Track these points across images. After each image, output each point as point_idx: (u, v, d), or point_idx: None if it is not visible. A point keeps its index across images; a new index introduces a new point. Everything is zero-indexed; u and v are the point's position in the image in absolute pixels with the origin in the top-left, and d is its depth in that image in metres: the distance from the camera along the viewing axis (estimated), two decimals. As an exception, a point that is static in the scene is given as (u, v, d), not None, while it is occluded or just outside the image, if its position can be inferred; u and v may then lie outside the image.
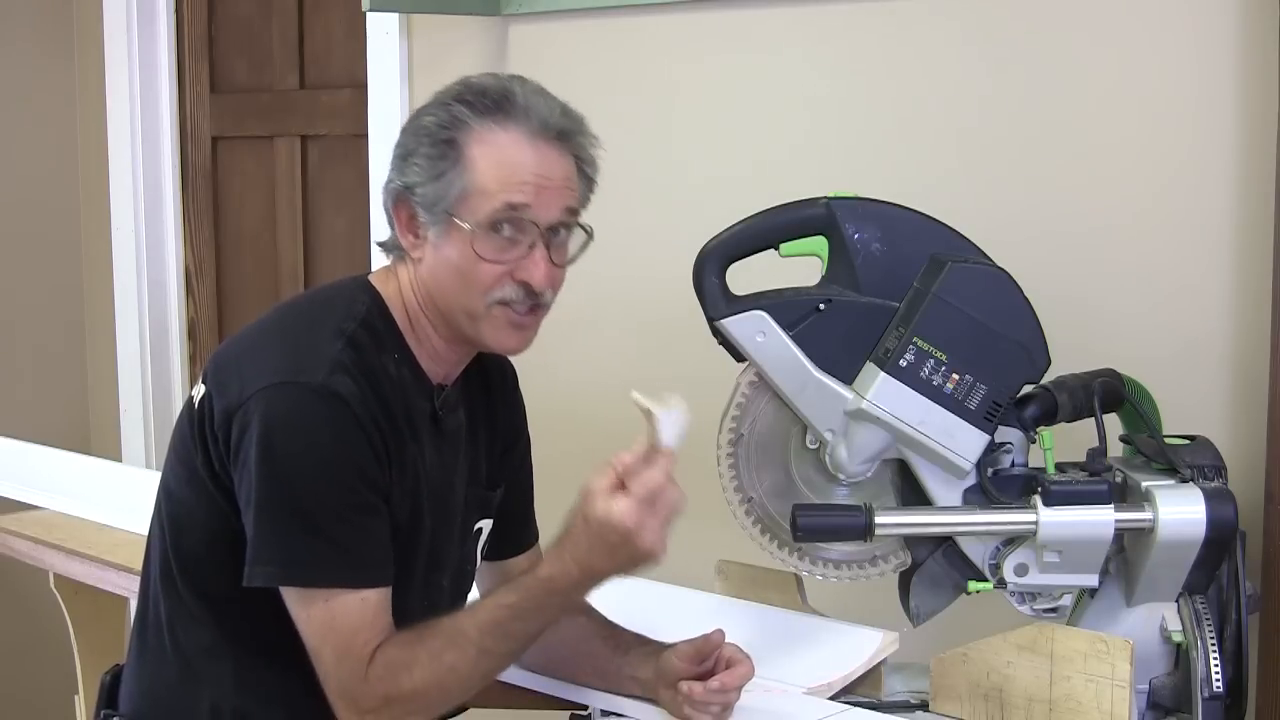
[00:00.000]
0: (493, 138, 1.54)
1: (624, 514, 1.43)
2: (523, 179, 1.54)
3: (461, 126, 1.54)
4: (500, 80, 1.58)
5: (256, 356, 1.55)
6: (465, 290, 1.56)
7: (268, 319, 1.65)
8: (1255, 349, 1.84)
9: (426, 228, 1.56)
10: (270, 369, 1.52)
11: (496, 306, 1.56)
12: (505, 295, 1.55)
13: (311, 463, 1.48)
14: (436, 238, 1.56)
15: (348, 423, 1.49)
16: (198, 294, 3.51)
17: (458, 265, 1.55)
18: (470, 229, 1.53)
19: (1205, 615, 1.60)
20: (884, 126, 2.20)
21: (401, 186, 1.57)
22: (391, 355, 1.58)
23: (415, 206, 1.56)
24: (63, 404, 3.62)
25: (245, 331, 1.64)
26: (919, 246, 1.66)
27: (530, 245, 1.55)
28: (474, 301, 1.56)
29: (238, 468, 1.51)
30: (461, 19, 2.65)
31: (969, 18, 2.10)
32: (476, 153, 1.53)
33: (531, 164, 1.54)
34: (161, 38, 3.42)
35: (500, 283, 1.55)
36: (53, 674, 3.13)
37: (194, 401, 1.59)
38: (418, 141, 1.56)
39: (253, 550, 1.50)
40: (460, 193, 1.53)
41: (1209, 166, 1.90)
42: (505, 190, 1.53)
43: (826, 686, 1.71)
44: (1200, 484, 1.60)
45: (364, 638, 1.50)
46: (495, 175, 1.53)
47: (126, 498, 2.55)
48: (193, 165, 3.47)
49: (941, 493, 1.67)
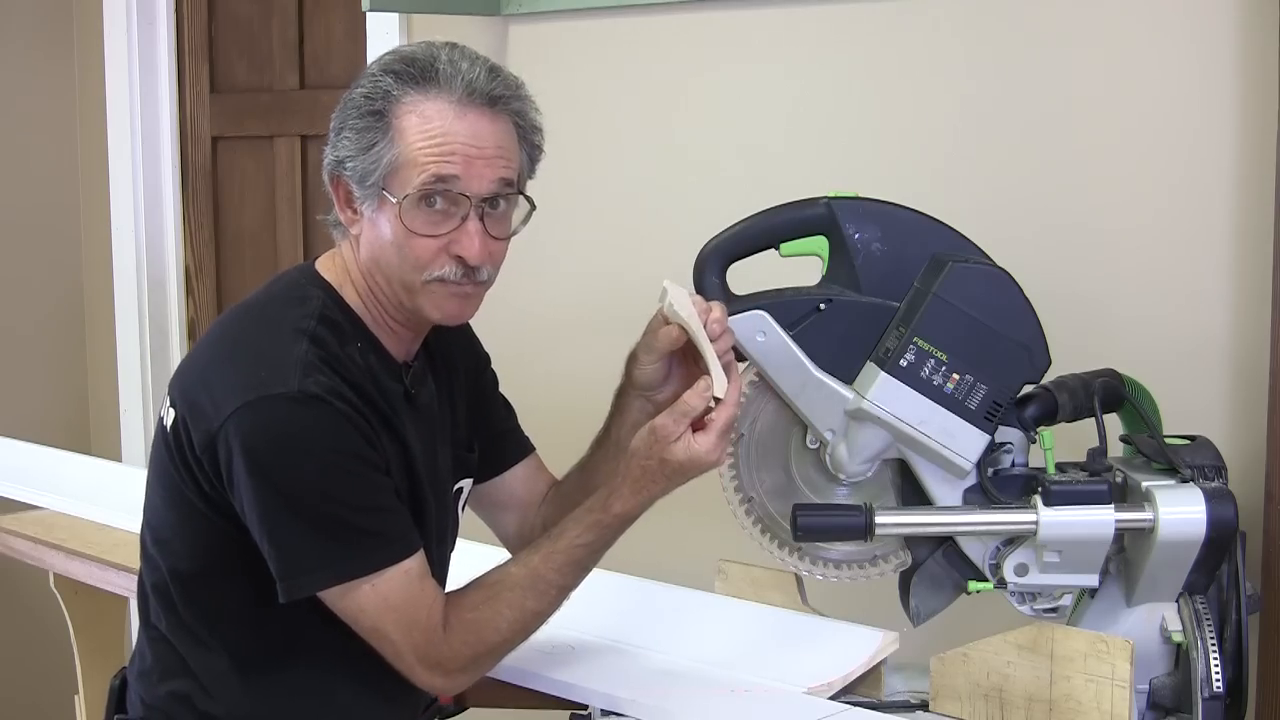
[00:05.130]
0: (419, 107, 1.50)
1: (709, 451, 1.49)
2: (450, 149, 1.49)
3: (388, 97, 1.50)
4: (429, 47, 1.54)
5: (222, 374, 1.51)
6: (401, 266, 1.53)
7: (221, 331, 1.60)
8: (1255, 349, 1.85)
9: (361, 203, 1.53)
10: (240, 386, 1.48)
11: (434, 283, 1.53)
12: (442, 272, 1.52)
13: (311, 470, 1.47)
14: (371, 213, 1.53)
15: (333, 419, 1.47)
16: (198, 294, 3.51)
17: (392, 240, 1.52)
18: (399, 202, 1.49)
19: (1205, 615, 1.60)
20: (884, 126, 2.20)
21: (334, 161, 1.54)
22: (355, 344, 1.55)
23: (349, 182, 1.53)
24: (63, 404, 3.62)
25: (201, 347, 1.60)
26: (919, 246, 1.66)
27: (463, 218, 1.51)
28: (410, 277, 1.53)
29: (234, 491, 1.49)
30: (461, 19, 2.65)
31: (969, 18, 2.10)
32: (405, 124, 1.49)
33: (460, 133, 1.49)
34: (161, 38, 3.43)
35: (436, 258, 1.51)
36: (53, 674, 3.13)
37: (165, 425, 1.57)
38: (346, 114, 1.53)
39: (283, 566, 1.49)
40: (390, 165, 1.49)
41: (1209, 167, 1.90)
42: (433, 161, 1.49)
43: (826, 686, 1.71)
44: (1200, 484, 1.59)
45: (425, 605, 1.51)
46: (423, 146, 1.49)
47: (126, 498, 2.54)
48: (193, 165, 3.47)
49: (942, 493, 1.67)
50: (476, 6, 2.58)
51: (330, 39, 3.17)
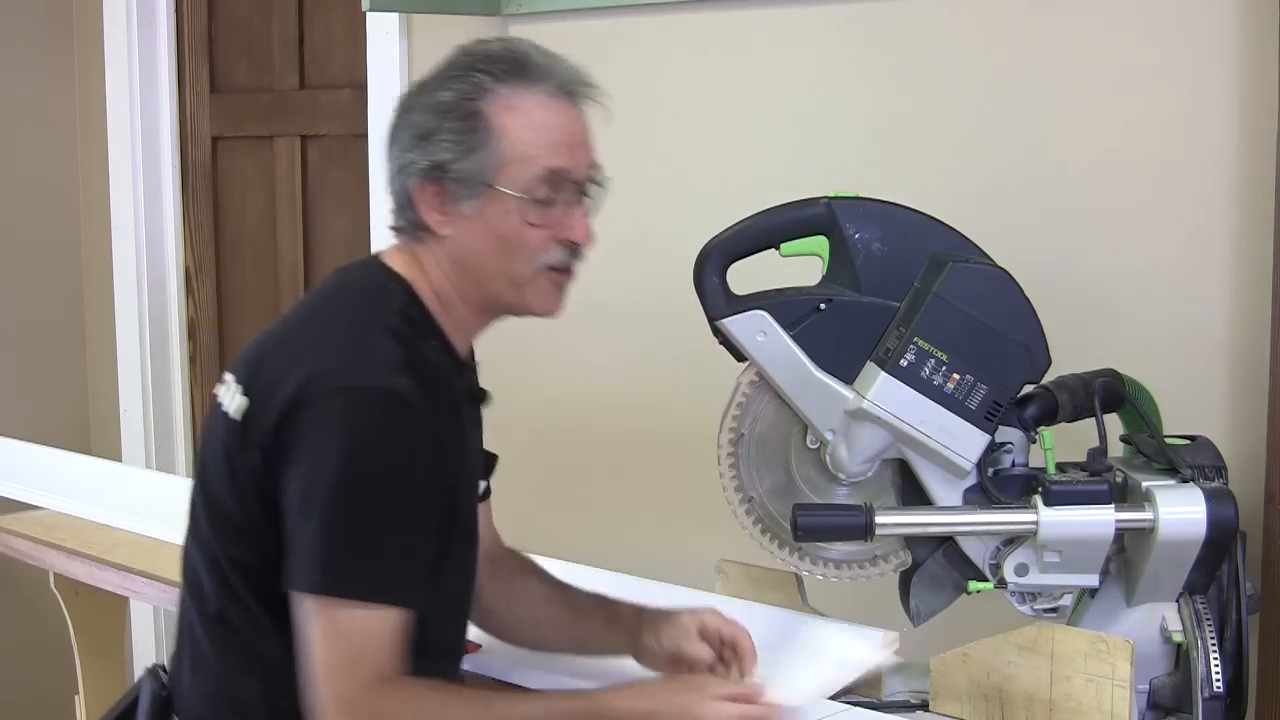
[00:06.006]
0: (518, 102, 1.53)
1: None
2: (556, 140, 1.53)
3: (485, 95, 1.52)
4: (506, 44, 1.57)
5: (312, 358, 1.49)
6: (510, 258, 1.55)
7: (303, 322, 1.60)
8: (1255, 349, 1.84)
9: (458, 203, 1.54)
10: (334, 370, 1.46)
11: (542, 271, 1.56)
12: (552, 259, 1.55)
13: (392, 473, 1.44)
14: (472, 211, 1.53)
15: (420, 429, 1.46)
16: (198, 294, 3.51)
17: (502, 234, 1.54)
18: (515, 197, 1.52)
19: (1205, 615, 1.60)
20: (884, 126, 2.20)
21: (429, 166, 1.53)
22: (430, 342, 1.56)
23: (447, 183, 1.53)
24: (63, 404, 3.62)
25: (279, 335, 1.58)
26: (919, 246, 1.66)
27: (567, 204, 1.55)
28: (520, 268, 1.55)
29: (292, 464, 1.46)
30: (461, 19, 2.65)
31: (969, 18, 2.10)
32: (505, 120, 1.52)
33: (561, 123, 1.54)
34: (161, 38, 3.42)
35: (547, 246, 1.55)
36: (53, 674, 3.13)
37: (227, 412, 1.54)
38: (439, 118, 1.53)
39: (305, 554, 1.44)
40: (498, 163, 1.52)
41: (1210, 167, 1.90)
42: (543, 154, 1.52)
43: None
44: (1200, 484, 1.60)
45: (377, 655, 1.44)
46: (530, 140, 1.52)
47: (126, 498, 2.55)
48: (193, 165, 3.47)
49: (942, 493, 1.67)
50: (476, 6, 2.58)
51: (330, 39, 3.17)
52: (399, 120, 1.58)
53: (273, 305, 3.35)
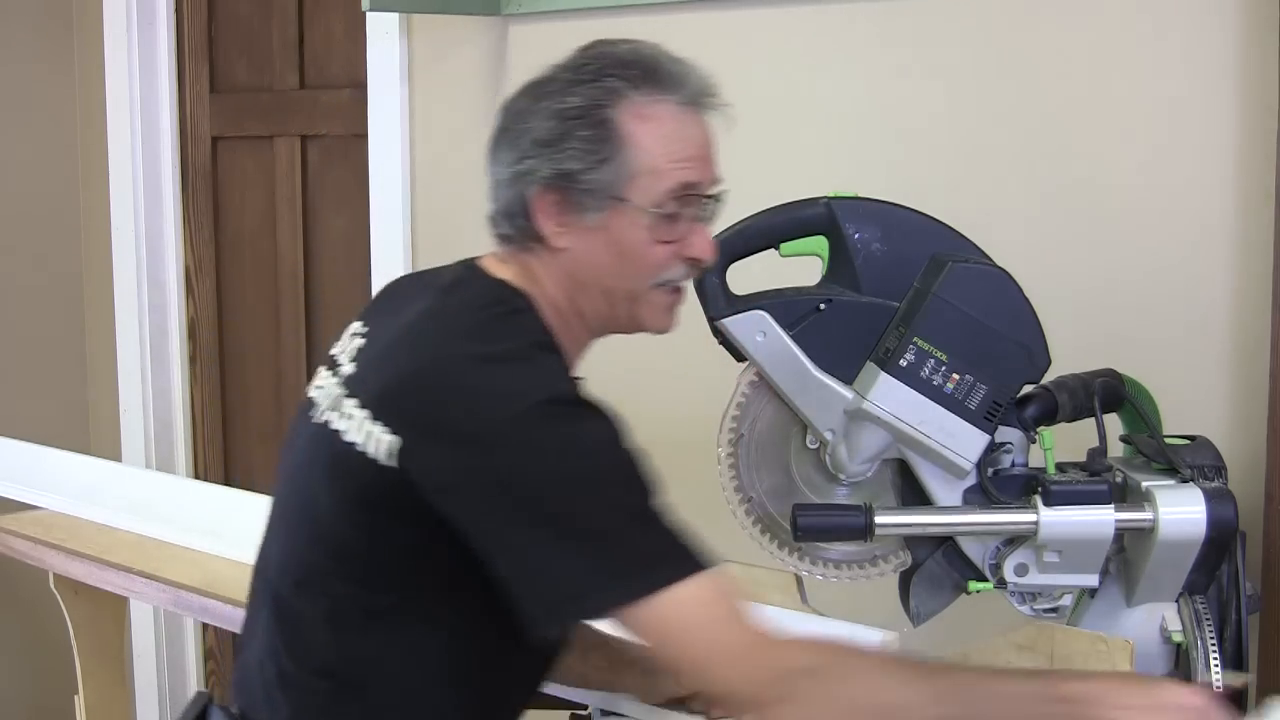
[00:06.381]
0: (651, 111, 1.45)
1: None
2: (689, 153, 1.46)
3: (616, 102, 1.44)
4: (636, 47, 1.50)
5: (480, 384, 1.36)
6: (629, 273, 1.47)
7: (435, 344, 1.42)
8: (1255, 349, 1.85)
9: (581, 214, 1.46)
10: (518, 393, 1.34)
11: (658, 288, 1.49)
12: (672, 275, 1.49)
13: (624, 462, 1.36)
14: (595, 223, 1.45)
15: (617, 428, 1.38)
16: (198, 294, 3.51)
17: (625, 249, 1.46)
18: (644, 211, 1.44)
19: (1205, 615, 1.60)
20: (884, 126, 2.20)
21: (554, 174, 1.44)
22: (558, 355, 1.46)
23: (572, 193, 1.45)
24: (63, 404, 3.62)
25: (417, 368, 1.40)
26: (919, 246, 1.66)
27: (693, 219, 1.48)
28: (638, 284, 1.48)
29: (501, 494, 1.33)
30: (461, 19, 2.65)
31: (969, 17, 2.10)
32: (637, 129, 1.44)
33: (692, 135, 1.47)
34: (161, 38, 3.42)
35: (669, 263, 1.48)
36: (53, 674, 3.14)
37: (368, 454, 1.38)
38: (567, 124, 1.44)
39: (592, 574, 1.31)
40: (629, 174, 1.44)
41: (1210, 167, 1.90)
42: (675, 167, 1.45)
43: (826, 686, 1.71)
44: (1200, 484, 1.59)
45: (736, 614, 1.32)
46: (662, 152, 1.44)
47: (126, 498, 2.55)
48: (193, 165, 3.47)
49: (942, 493, 1.67)
50: (476, 6, 2.58)
51: (330, 39, 3.17)
52: (512, 124, 1.49)
53: (273, 305, 3.35)
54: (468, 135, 2.85)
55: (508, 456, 1.33)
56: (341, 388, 1.49)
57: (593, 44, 1.52)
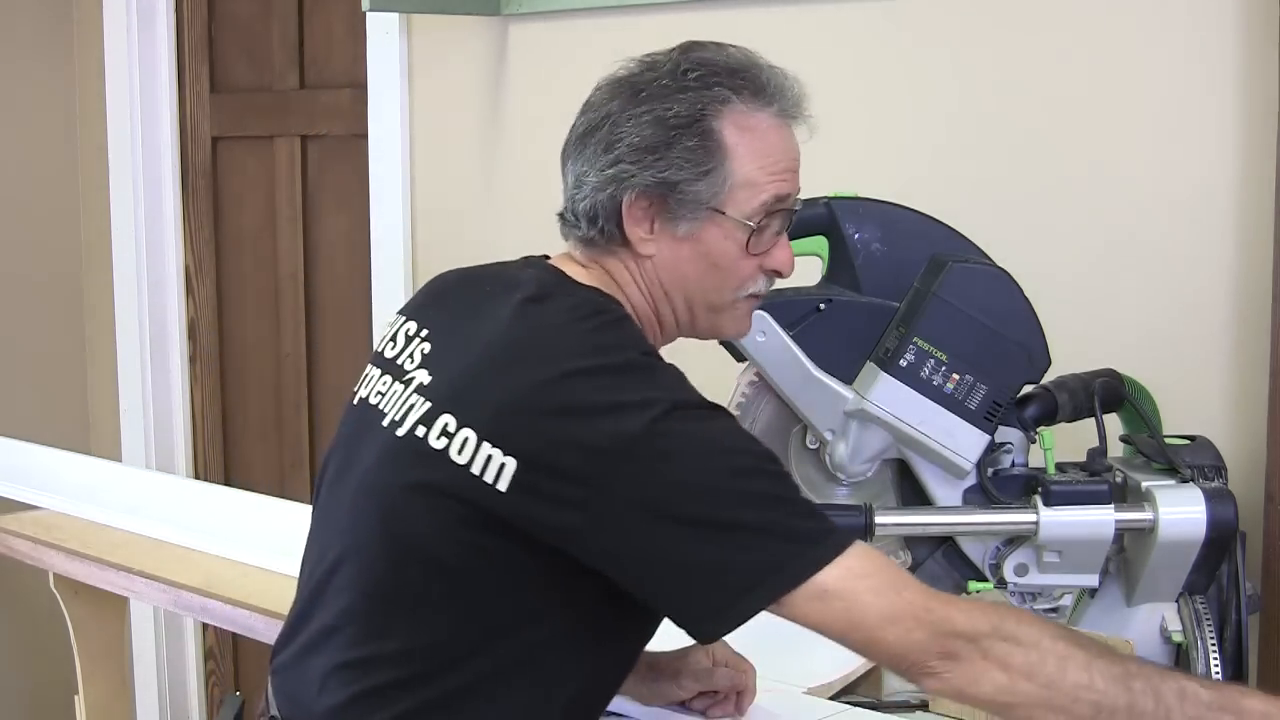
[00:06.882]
0: (751, 122, 1.42)
1: None
2: (785, 167, 1.44)
3: (721, 112, 1.41)
4: (739, 55, 1.47)
5: (605, 399, 1.31)
6: (717, 284, 1.45)
7: (545, 356, 1.36)
8: (1255, 349, 1.85)
9: (674, 222, 1.42)
10: (645, 402, 1.30)
11: (744, 300, 1.47)
12: (758, 288, 1.47)
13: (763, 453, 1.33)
14: (686, 233, 1.42)
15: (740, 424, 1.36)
16: (198, 294, 3.51)
17: (715, 259, 1.43)
18: (742, 224, 1.42)
19: (1205, 615, 1.60)
20: (884, 126, 2.20)
21: (655, 182, 1.40)
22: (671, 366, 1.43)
23: (668, 202, 1.40)
24: (63, 404, 3.62)
25: (524, 387, 1.34)
26: (919, 246, 1.66)
27: (778, 232, 1.46)
28: (724, 295, 1.46)
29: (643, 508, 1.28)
30: (461, 19, 2.65)
31: (969, 17, 2.10)
32: (736, 140, 1.41)
33: (788, 149, 1.45)
34: (161, 38, 3.42)
35: (755, 275, 1.46)
36: (53, 674, 3.14)
37: (476, 475, 1.31)
38: (671, 132, 1.40)
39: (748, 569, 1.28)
40: (728, 186, 1.41)
41: (1210, 167, 1.90)
42: (772, 181, 1.43)
43: (826, 686, 1.71)
44: (1200, 484, 1.60)
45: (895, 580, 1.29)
46: (760, 165, 1.42)
47: (126, 498, 2.54)
48: (193, 165, 3.47)
49: (942, 493, 1.67)
50: (476, 6, 2.58)
51: (330, 39, 3.17)
52: (603, 124, 1.44)
53: (273, 305, 3.35)
54: (468, 135, 2.86)
55: (645, 466, 1.29)
56: (420, 397, 1.41)
57: (688, 46, 1.49)
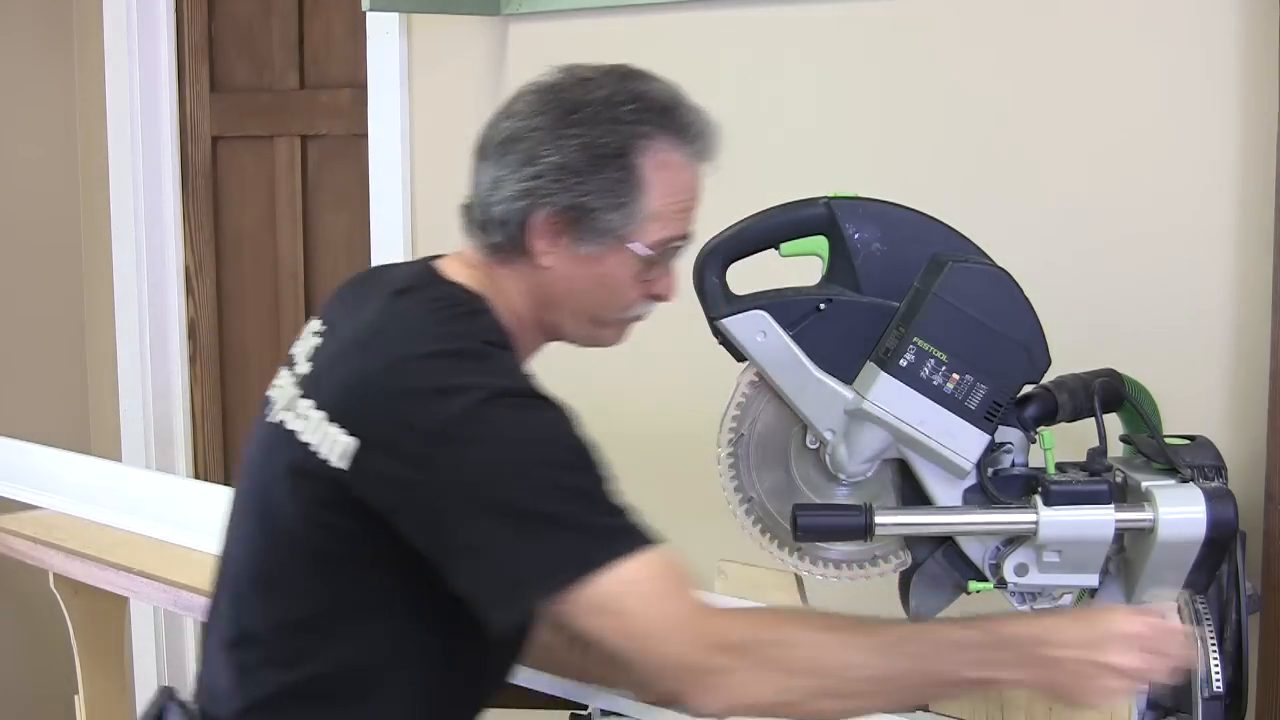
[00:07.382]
0: (671, 160, 1.49)
1: None
2: (689, 206, 1.52)
3: (644, 149, 1.47)
4: (665, 92, 1.51)
5: (432, 381, 1.36)
6: (604, 304, 1.53)
7: (387, 342, 1.43)
8: (1255, 349, 1.85)
9: (579, 244, 1.48)
10: (469, 386, 1.35)
11: (627, 319, 1.57)
12: (641, 311, 1.56)
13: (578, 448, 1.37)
14: (589, 254, 1.49)
15: (567, 416, 1.39)
16: (198, 294, 3.51)
17: (608, 282, 1.51)
18: (639, 254, 1.49)
19: (1205, 615, 1.60)
20: (884, 126, 2.20)
21: (569, 205, 1.46)
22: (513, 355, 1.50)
23: (579, 225, 1.47)
24: (63, 404, 3.62)
25: (371, 370, 1.40)
26: (919, 246, 1.66)
27: (669, 263, 1.54)
28: (610, 313, 1.55)
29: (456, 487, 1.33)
30: (461, 19, 2.65)
31: (969, 17, 2.10)
32: (654, 177, 1.48)
33: (696, 190, 1.53)
34: (161, 38, 3.42)
35: (641, 300, 1.54)
36: (53, 674, 3.14)
37: (320, 455, 1.39)
38: (596, 162, 1.46)
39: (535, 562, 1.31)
40: (638, 219, 1.48)
41: (1210, 167, 1.90)
42: (677, 219, 1.51)
43: (826, 686, 1.71)
44: (1200, 484, 1.59)
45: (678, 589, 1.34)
46: (669, 202, 1.49)
47: (126, 498, 2.55)
48: (193, 165, 3.47)
49: (942, 493, 1.67)
50: (476, 6, 2.58)
51: (330, 39, 3.17)
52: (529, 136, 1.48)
53: (273, 305, 3.35)
54: (468, 135, 2.85)
55: (459, 449, 1.33)
56: (297, 387, 1.49)
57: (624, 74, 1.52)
